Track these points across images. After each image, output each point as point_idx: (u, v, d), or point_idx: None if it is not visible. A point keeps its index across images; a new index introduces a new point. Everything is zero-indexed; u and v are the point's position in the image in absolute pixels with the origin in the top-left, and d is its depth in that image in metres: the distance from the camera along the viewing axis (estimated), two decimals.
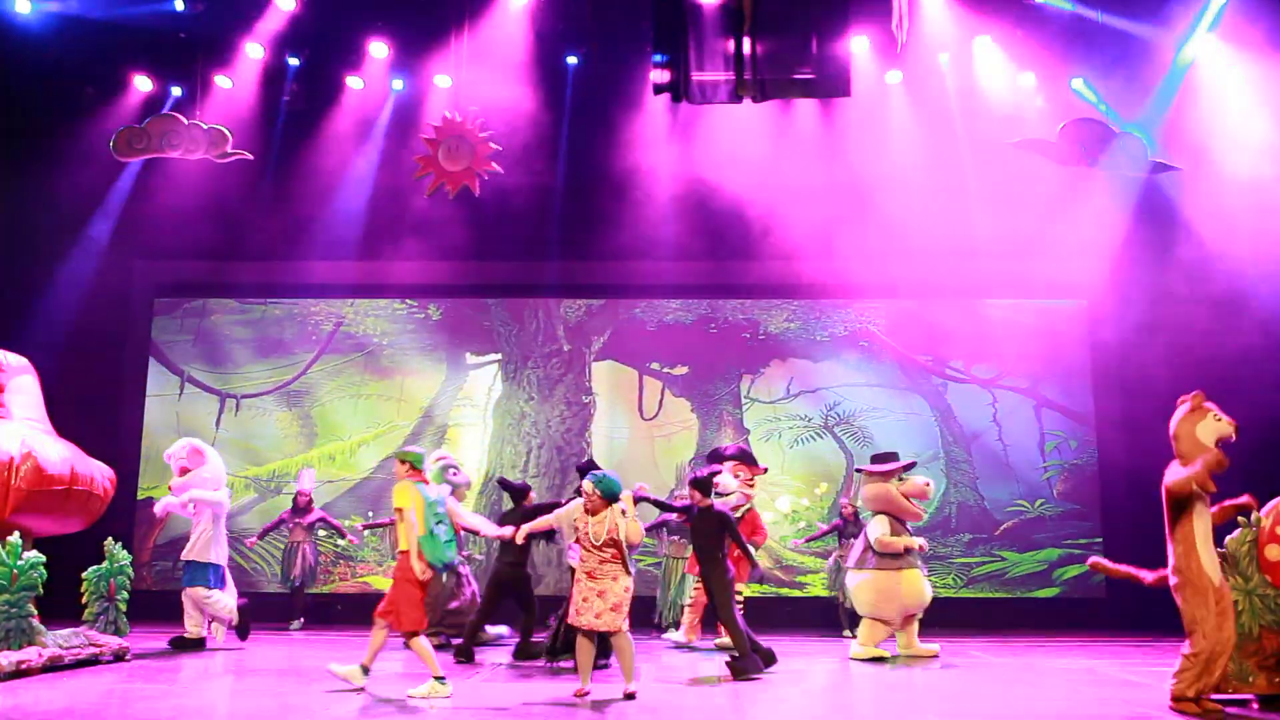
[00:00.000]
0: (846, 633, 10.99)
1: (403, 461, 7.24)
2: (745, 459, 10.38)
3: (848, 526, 11.30)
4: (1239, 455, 6.57)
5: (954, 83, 11.80)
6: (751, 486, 10.34)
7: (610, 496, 6.83)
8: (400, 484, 7.11)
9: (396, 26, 11.69)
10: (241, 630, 9.53)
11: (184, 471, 9.48)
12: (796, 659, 9.00)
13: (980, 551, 12.93)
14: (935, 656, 9.22)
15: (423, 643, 6.92)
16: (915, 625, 9.41)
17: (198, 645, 9.28)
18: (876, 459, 9.70)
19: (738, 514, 9.79)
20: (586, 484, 6.86)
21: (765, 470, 10.76)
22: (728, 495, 9.88)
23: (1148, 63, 11.23)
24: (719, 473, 9.26)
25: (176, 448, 9.63)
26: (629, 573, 6.81)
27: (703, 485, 8.24)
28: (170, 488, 9.55)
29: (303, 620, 11.55)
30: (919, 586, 9.24)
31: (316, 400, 13.52)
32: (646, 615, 11.50)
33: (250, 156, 11.13)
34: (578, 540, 6.90)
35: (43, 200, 12.37)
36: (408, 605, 6.93)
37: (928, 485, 9.50)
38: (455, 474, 9.86)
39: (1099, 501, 12.98)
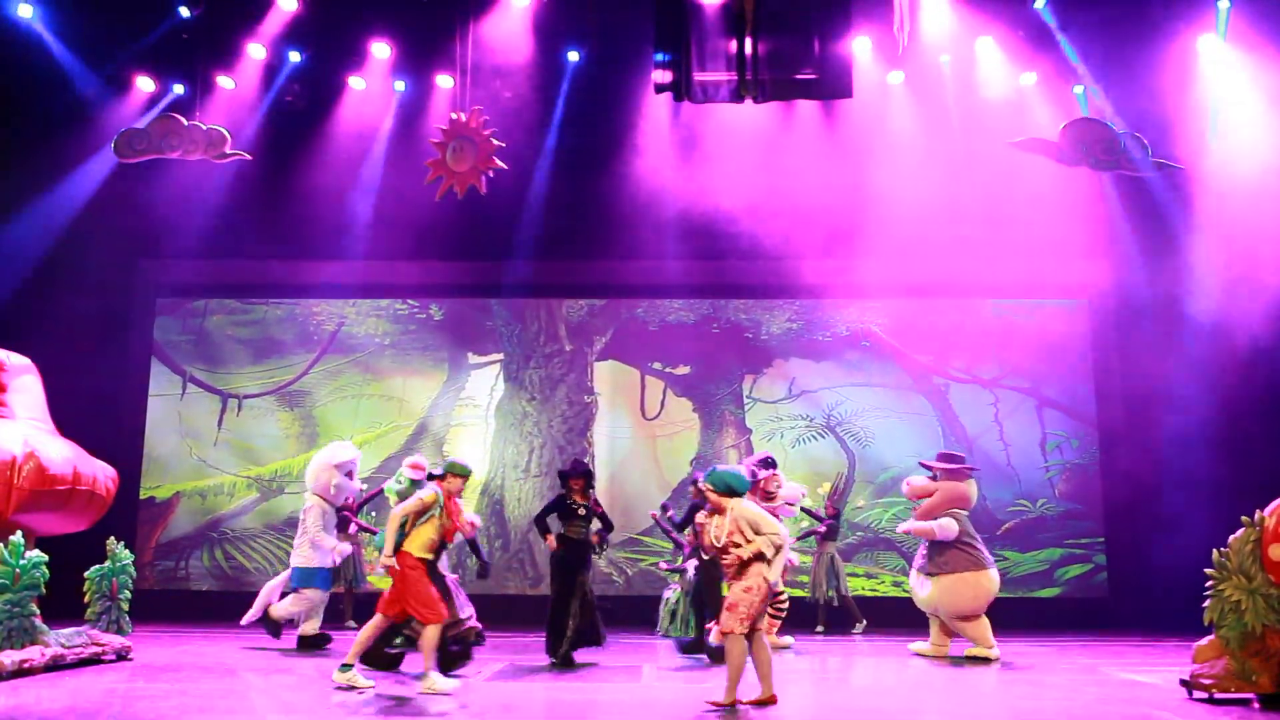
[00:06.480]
0: (819, 629, 11.34)
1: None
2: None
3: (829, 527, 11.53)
4: (1243, 452, 6.58)
5: (955, 84, 11.80)
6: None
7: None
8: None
9: (398, 27, 11.70)
10: (273, 630, 9.55)
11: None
12: (799, 658, 8.99)
13: None
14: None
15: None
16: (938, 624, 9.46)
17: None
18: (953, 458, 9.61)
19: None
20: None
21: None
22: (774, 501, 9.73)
23: (1149, 61, 11.22)
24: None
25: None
26: None
27: None
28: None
29: (354, 623, 10.94)
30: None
31: (318, 400, 13.52)
32: (648, 615, 11.53)
33: (249, 157, 11.14)
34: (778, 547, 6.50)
35: (45, 200, 12.36)
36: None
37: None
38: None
39: (1100, 501, 12.97)
